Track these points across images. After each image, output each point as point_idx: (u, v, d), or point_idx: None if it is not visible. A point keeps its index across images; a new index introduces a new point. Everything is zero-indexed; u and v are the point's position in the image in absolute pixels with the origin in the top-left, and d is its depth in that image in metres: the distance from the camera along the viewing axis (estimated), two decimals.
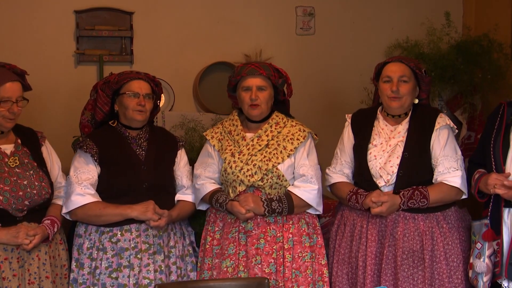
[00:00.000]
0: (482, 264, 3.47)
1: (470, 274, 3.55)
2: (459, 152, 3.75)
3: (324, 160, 3.89)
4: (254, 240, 3.64)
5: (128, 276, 3.57)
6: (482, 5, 5.44)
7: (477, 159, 3.70)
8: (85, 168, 3.67)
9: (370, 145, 3.76)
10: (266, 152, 3.70)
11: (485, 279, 3.48)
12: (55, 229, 3.56)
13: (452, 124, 3.77)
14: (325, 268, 3.70)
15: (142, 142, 3.78)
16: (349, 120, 3.92)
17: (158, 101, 3.91)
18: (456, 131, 3.81)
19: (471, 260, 3.55)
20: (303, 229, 3.71)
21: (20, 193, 3.44)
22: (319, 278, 3.68)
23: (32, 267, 3.45)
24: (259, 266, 3.61)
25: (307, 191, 3.69)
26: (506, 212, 3.50)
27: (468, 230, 3.76)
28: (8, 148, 3.53)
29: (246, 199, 3.62)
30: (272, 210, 3.64)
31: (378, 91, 3.84)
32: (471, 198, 3.71)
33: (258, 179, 3.67)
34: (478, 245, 3.52)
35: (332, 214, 4.15)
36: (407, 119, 3.78)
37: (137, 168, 3.70)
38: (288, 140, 3.74)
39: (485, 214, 3.55)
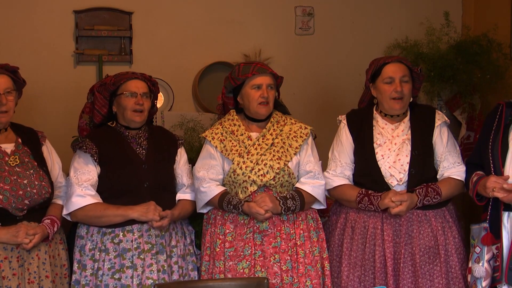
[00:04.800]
0: (481, 268, 3.42)
1: (468, 279, 3.52)
2: (458, 147, 3.84)
3: (322, 160, 3.89)
4: (271, 239, 3.65)
5: (131, 277, 3.56)
6: (481, 5, 5.44)
7: (475, 160, 3.68)
8: (85, 168, 3.66)
9: (374, 145, 3.77)
10: (273, 151, 3.71)
11: (484, 284, 3.43)
12: (55, 229, 3.56)
13: (447, 119, 3.84)
14: (327, 262, 3.74)
15: (142, 141, 3.78)
16: (344, 121, 3.91)
17: (155, 101, 3.91)
18: (449, 123, 3.85)
19: (470, 265, 3.51)
20: (311, 224, 3.75)
21: (20, 192, 3.44)
22: (322, 271, 3.72)
23: (32, 267, 3.45)
24: (278, 264, 3.62)
25: (316, 187, 3.73)
26: (505, 216, 3.44)
27: (459, 222, 3.82)
28: (9, 147, 3.53)
29: (263, 200, 3.62)
30: (288, 208, 3.65)
31: (373, 92, 3.84)
32: (468, 200, 3.71)
33: (271, 178, 3.67)
34: (477, 249, 3.47)
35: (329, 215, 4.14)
36: (408, 117, 3.81)
37: (137, 167, 3.69)
38: (292, 138, 3.76)
39: (484, 218, 3.50)
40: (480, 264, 3.43)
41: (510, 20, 5.03)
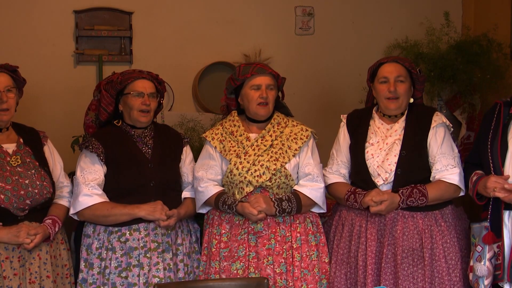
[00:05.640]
0: (483, 267, 3.41)
1: (470, 277, 3.50)
2: (456, 150, 3.77)
3: (323, 160, 3.89)
4: (265, 241, 3.64)
5: (138, 275, 3.57)
6: (481, 5, 5.44)
7: (473, 159, 3.67)
8: (92, 168, 3.67)
9: (366, 144, 3.77)
10: (271, 152, 3.71)
11: (486, 282, 3.42)
12: (56, 229, 3.55)
13: (448, 122, 3.80)
14: (328, 266, 3.72)
15: (147, 140, 3.78)
16: (344, 121, 3.92)
17: (162, 99, 3.91)
18: (452, 129, 3.83)
19: (471, 263, 3.49)
20: (309, 228, 3.73)
21: (22, 192, 3.44)
22: (323, 276, 3.70)
23: (33, 267, 3.45)
24: (271, 266, 3.61)
25: (315, 189, 3.71)
26: (506, 215, 3.43)
27: (465, 228, 3.77)
28: (10, 147, 3.53)
29: (257, 200, 3.61)
30: (283, 210, 3.64)
31: (373, 92, 3.84)
32: (468, 199, 3.71)
33: (267, 179, 3.66)
34: (478, 248, 3.46)
35: (331, 214, 4.15)
36: (403, 117, 3.80)
37: (144, 166, 3.69)
38: (291, 139, 3.75)
39: (484, 217, 3.49)
40: (482, 262, 3.42)
41: (510, 20, 5.04)
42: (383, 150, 3.72)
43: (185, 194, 3.82)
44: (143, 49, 5.10)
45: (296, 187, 3.73)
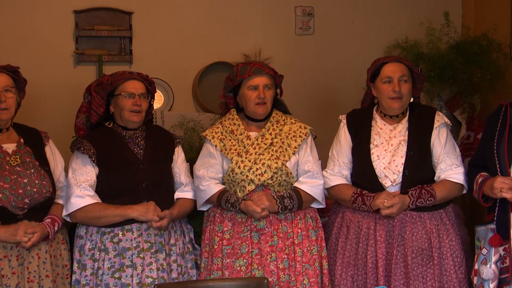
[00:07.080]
0: (489, 270, 3.38)
1: (475, 281, 3.48)
2: (458, 149, 3.81)
3: (322, 159, 3.89)
4: (268, 238, 3.67)
5: (131, 276, 3.57)
6: (481, 5, 5.44)
7: (478, 161, 3.65)
8: (83, 169, 3.67)
9: (371, 146, 3.76)
10: (272, 150, 3.73)
11: (491, 285, 3.39)
12: (56, 228, 3.56)
13: (448, 121, 3.82)
14: (325, 260, 3.75)
15: (139, 141, 3.78)
16: (344, 121, 3.92)
17: (152, 100, 3.91)
18: (450, 126, 3.84)
19: (475, 267, 3.47)
20: (309, 223, 3.76)
21: (20, 191, 3.44)
22: (320, 270, 3.72)
23: (32, 265, 3.45)
24: (275, 262, 3.64)
25: (314, 186, 3.74)
26: None
27: (463, 226, 3.79)
28: (10, 147, 3.54)
29: (260, 198, 3.64)
30: (285, 207, 3.67)
31: (374, 91, 3.84)
32: (469, 201, 3.69)
33: (268, 177, 3.69)
34: (484, 251, 3.43)
35: (330, 214, 4.14)
36: (406, 118, 3.80)
37: (135, 167, 3.70)
38: (291, 137, 3.77)
39: (490, 219, 3.47)
40: (488, 265, 3.39)
41: (510, 20, 5.03)
42: (389, 151, 3.73)
43: (178, 194, 3.83)
44: (143, 49, 5.10)
45: (296, 184, 3.76)
